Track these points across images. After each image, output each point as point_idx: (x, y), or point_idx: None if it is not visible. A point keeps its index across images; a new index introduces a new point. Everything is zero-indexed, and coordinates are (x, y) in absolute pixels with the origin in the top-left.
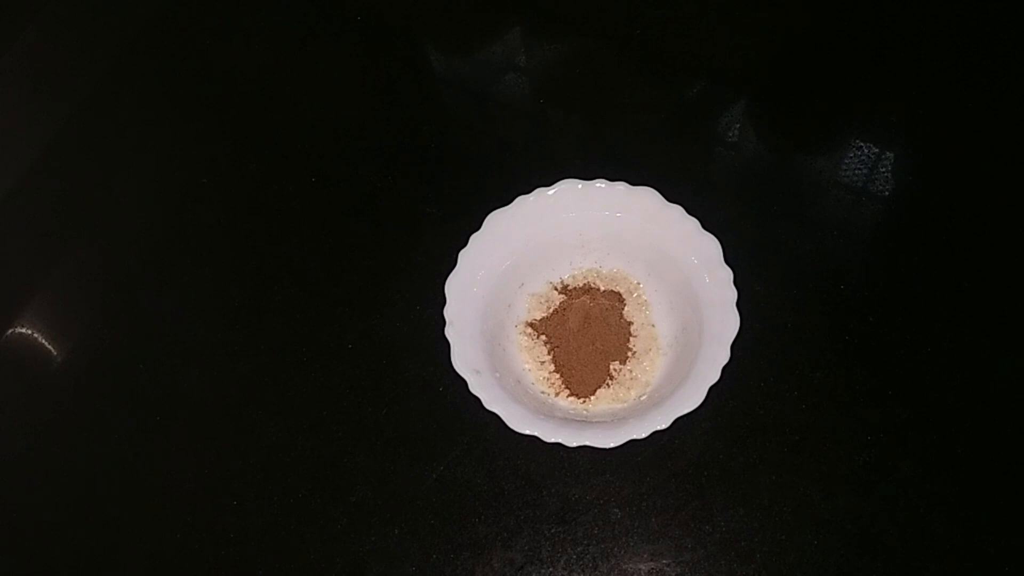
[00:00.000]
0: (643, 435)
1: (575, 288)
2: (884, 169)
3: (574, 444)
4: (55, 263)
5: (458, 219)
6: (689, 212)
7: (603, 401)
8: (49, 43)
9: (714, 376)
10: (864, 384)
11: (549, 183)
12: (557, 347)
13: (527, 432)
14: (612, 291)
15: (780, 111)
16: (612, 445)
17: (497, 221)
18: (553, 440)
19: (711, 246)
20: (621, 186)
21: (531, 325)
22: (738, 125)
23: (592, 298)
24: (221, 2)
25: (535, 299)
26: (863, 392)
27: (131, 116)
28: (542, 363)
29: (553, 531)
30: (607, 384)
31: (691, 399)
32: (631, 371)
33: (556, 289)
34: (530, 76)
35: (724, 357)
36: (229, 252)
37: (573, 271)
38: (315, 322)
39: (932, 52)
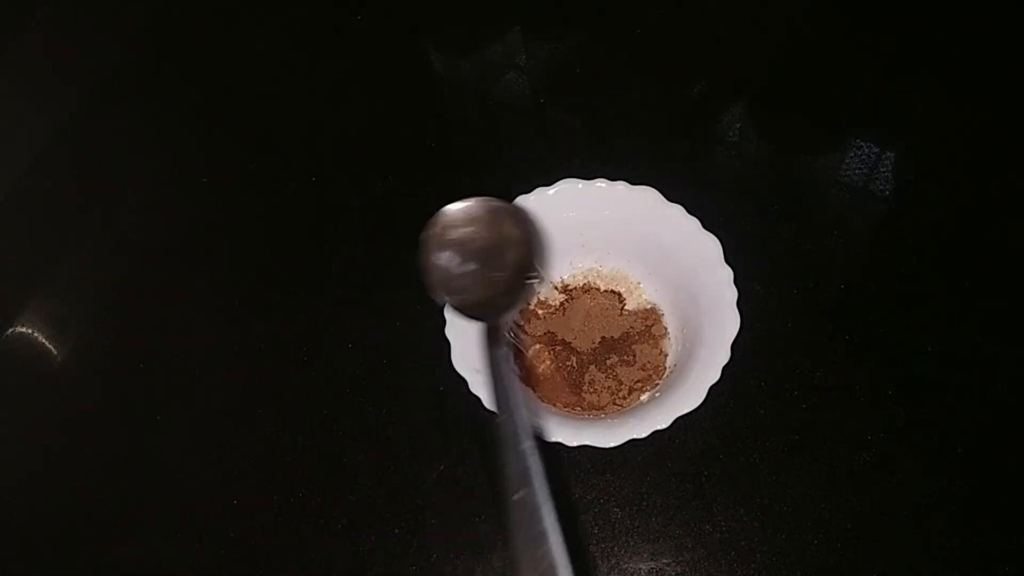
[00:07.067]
0: (643, 435)
1: (575, 287)
2: (884, 169)
3: (574, 444)
4: (55, 263)
5: None
6: (689, 212)
7: (603, 401)
8: (49, 43)
9: (714, 376)
10: (864, 384)
11: (549, 183)
12: (557, 346)
13: None
14: (612, 290)
15: (780, 111)
16: (612, 445)
17: None
18: (553, 440)
19: (711, 246)
20: (621, 186)
21: (532, 324)
22: (738, 125)
23: (592, 297)
24: (221, 2)
25: (535, 298)
26: (863, 392)
27: (131, 116)
28: (542, 362)
29: None
30: (608, 384)
31: (691, 399)
32: (631, 370)
33: (556, 288)
34: (530, 76)
35: (724, 357)
36: (229, 252)
37: (573, 270)
38: (315, 322)
39: (932, 52)
